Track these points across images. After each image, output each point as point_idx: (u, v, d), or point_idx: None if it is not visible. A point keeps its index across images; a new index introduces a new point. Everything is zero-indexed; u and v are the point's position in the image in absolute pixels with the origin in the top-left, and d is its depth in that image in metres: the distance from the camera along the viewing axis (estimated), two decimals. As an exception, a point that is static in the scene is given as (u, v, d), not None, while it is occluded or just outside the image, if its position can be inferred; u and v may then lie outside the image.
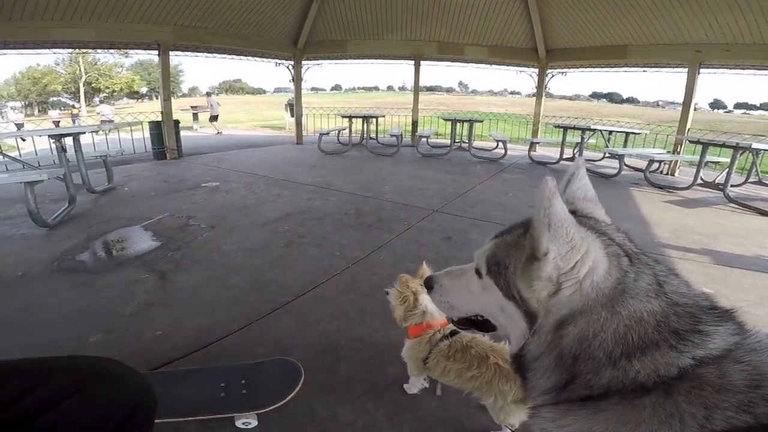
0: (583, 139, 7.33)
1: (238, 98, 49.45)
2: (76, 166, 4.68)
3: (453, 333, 1.37)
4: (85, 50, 7.59)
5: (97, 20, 6.10)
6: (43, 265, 2.84)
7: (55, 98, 39.79)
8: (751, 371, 0.47)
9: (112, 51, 7.33)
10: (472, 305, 0.73)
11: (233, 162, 6.90)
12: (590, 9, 7.24)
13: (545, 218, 0.51)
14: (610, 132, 8.48)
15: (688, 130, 7.01)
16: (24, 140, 9.35)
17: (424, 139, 8.84)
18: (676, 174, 7.06)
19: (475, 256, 0.70)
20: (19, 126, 15.57)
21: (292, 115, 10.99)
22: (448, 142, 8.43)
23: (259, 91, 64.63)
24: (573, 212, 0.61)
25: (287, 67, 9.40)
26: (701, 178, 5.78)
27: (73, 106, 32.42)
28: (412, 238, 3.40)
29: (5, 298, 2.41)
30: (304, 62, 9.44)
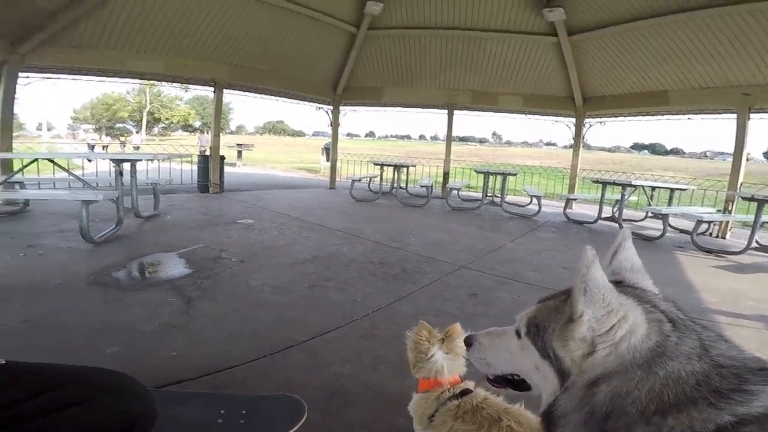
0: (623, 196, 6.87)
1: (280, 139, 52.24)
2: (129, 190, 5.04)
3: (463, 393, 1.31)
4: (152, 81, 8.55)
5: (165, 55, 6.91)
6: (81, 277, 3.03)
7: (121, 125, 43.58)
8: None
9: (175, 84, 8.28)
10: (509, 364, 0.78)
11: (269, 201, 7.18)
12: (628, 55, 7.24)
13: (582, 284, 0.57)
14: (653, 188, 7.87)
15: (741, 184, 6.60)
16: (90, 161, 10.23)
17: (455, 192, 8.83)
18: (728, 236, 6.58)
19: (517, 318, 0.75)
20: (92, 147, 17.36)
21: (328, 159, 11.46)
22: (480, 195, 8.41)
23: (299, 134, 67.84)
24: (619, 282, 0.67)
25: (326, 112, 9.88)
26: (756, 242, 5.25)
27: (121, 134, 35.03)
28: (437, 291, 3.35)
29: (40, 302, 2.58)
30: (341, 107, 9.87)
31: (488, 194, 8.67)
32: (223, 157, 8.08)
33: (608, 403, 0.55)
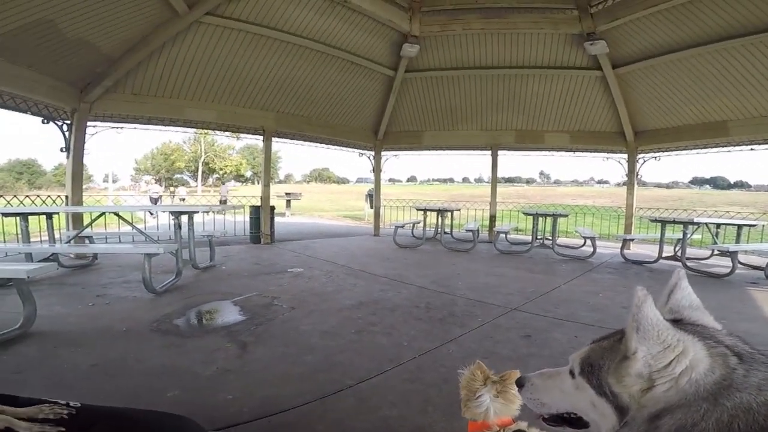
0: (685, 234, 6.39)
1: (326, 187, 53.55)
2: (187, 242, 5.39)
3: None
4: (206, 131, 9.13)
5: (218, 103, 7.46)
6: (144, 324, 3.24)
7: (179, 175, 45.63)
8: None
9: (227, 133, 8.72)
10: (563, 403, 0.79)
11: (317, 250, 7.40)
12: (679, 85, 7.00)
13: (634, 322, 0.60)
14: (718, 225, 7.32)
15: None
16: (152, 215, 11.02)
17: (502, 235, 8.58)
18: None
19: (570, 359, 0.78)
20: (155, 200, 18.14)
21: (371, 206, 11.65)
22: (529, 238, 8.14)
23: (344, 180, 69.50)
24: (678, 320, 0.69)
25: (369, 158, 10.10)
26: None
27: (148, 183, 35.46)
28: (487, 334, 3.24)
29: (107, 348, 2.77)
30: (383, 153, 10.03)
31: (538, 237, 8.34)
32: (273, 208, 8.47)
33: None
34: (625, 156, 8.59)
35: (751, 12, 5.50)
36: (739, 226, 7.05)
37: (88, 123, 6.35)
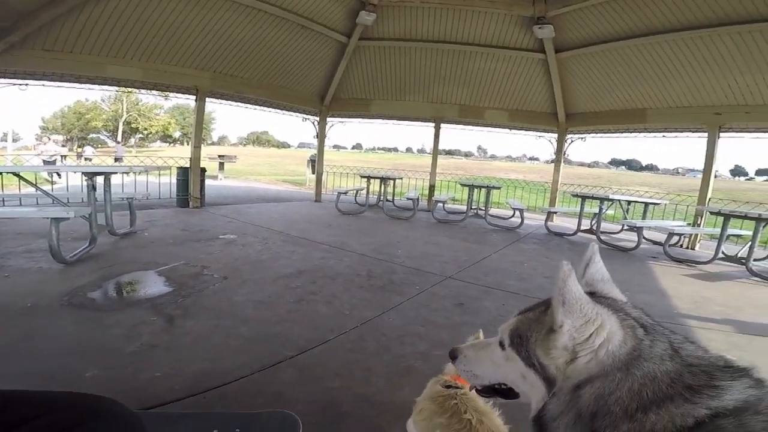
0: (601, 209, 7.17)
1: (264, 150, 51.44)
2: (103, 206, 4.83)
3: (456, 387, 1.28)
4: (130, 89, 8.15)
5: (145, 61, 6.70)
6: (53, 298, 2.87)
7: (95, 135, 41.73)
8: None
9: (154, 92, 7.89)
10: (495, 374, 0.81)
11: (252, 216, 7.07)
12: (611, 73, 7.46)
13: (560, 296, 0.62)
14: (629, 202, 8.13)
15: (709, 200, 6.92)
16: (60, 175, 9.81)
17: (440, 204, 8.89)
18: (697, 248, 6.91)
19: (500, 330, 0.78)
20: (50, 164, 16.56)
21: (313, 172, 11.35)
22: (465, 208, 8.50)
23: (284, 145, 67.20)
24: (593, 293, 0.71)
25: (313, 123, 9.77)
26: (723, 252, 5.58)
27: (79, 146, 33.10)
28: (424, 302, 3.34)
29: (9, 326, 2.43)
30: (328, 119, 9.80)
31: (473, 207, 8.78)
32: (204, 170, 7.88)
33: (593, 404, 0.59)
34: (556, 135, 9.11)
35: (681, 11, 5.94)
36: (646, 204, 7.97)
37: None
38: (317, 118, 9.71)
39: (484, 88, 8.95)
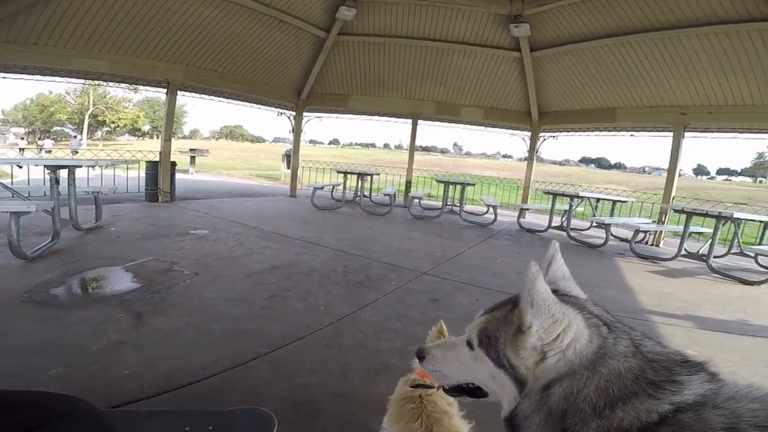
0: (571, 206, 7.38)
1: (238, 145, 50.35)
2: (67, 200, 4.62)
3: (424, 386, 1.29)
4: (98, 82, 7.80)
5: (114, 53, 6.45)
6: (12, 295, 2.73)
7: (59, 128, 40.02)
8: (729, 415, 0.52)
9: (123, 85, 7.63)
10: (464, 374, 0.80)
11: (224, 210, 6.92)
12: (583, 72, 7.66)
13: (528, 297, 0.62)
14: (598, 200, 8.48)
15: (673, 198, 7.19)
16: (20, 167, 9.31)
17: (416, 201, 8.96)
18: (661, 245, 7.19)
19: (467, 330, 0.77)
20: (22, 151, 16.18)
21: (288, 167, 11.20)
22: (440, 204, 8.59)
23: (259, 140, 65.89)
24: (555, 291, 0.71)
25: (288, 118, 9.63)
26: (685, 249, 5.82)
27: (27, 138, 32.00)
28: (400, 298, 3.36)
29: (-35, 327, 2.28)
30: (305, 114, 9.70)
31: (448, 203, 8.89)
32: (174, 164, 7.64)
33: (562, 402, 0.60)
34: (529, 134, 9.30)
35: (651, 10, 6.14)
36: (614, 202, 8.29)
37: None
38: (293, 113, 9.57)
39: (461, 85, 9.03)
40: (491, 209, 8.08)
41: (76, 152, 17.26)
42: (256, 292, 3.22)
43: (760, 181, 50.16)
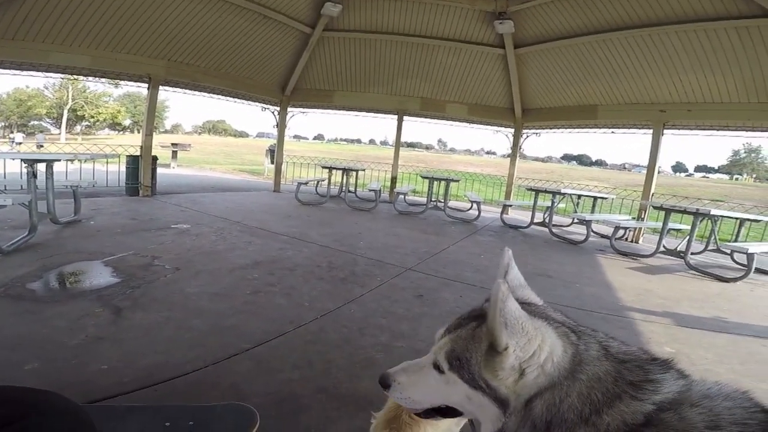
0: (553, 203, 7.46)
1: (221, 140, 49.79)
2: (45, 193, 4.50)
3: None
4: (78, 77, 7.61)
5: (95, 48, 6.31)
6: (-14, 291, 2.65)
7: (36, 122, 39.01)
8: (708, 413, 0.52)
9: (104, 80, 7.41)
10: (436, 398, 0.75)
11: (207, 205, 6.82)
12: (566, 69, 7.75)
13: (501, 317, 0.60)
14: (579, 196, 8.58)
15: (652, 195, 7.34)
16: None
17: (401, 196, 8.98)
18: (641, 241, 7.33)
19: (433, 352, 0.74)
20: None
21: (272, 162, 11.07)
22: (425, 200, 8.63)
23: (242, 135, 65.11)
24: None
25: (273, 113, 9.53)
26: (664, 246, 5.92)
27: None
28: (385, 294, 3.38)
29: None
30: (289, 109, 9.62)
31: (433, 199, 8.93)
32: (155, 158, 7.50)
33: (546, 413, 0.60)
34: (512, 130, 9.38)
35: (633, 8, 6.22)
36: (595, 198, 8.43)
37: None
38: (278, 108, 9.49)
39: (446, 82, 9.06)
40: (475, 205, 8.12)
41: (41, 146, 17.12)
42: (239, 288, 3.19)
43: (737, 179, 51.76)
